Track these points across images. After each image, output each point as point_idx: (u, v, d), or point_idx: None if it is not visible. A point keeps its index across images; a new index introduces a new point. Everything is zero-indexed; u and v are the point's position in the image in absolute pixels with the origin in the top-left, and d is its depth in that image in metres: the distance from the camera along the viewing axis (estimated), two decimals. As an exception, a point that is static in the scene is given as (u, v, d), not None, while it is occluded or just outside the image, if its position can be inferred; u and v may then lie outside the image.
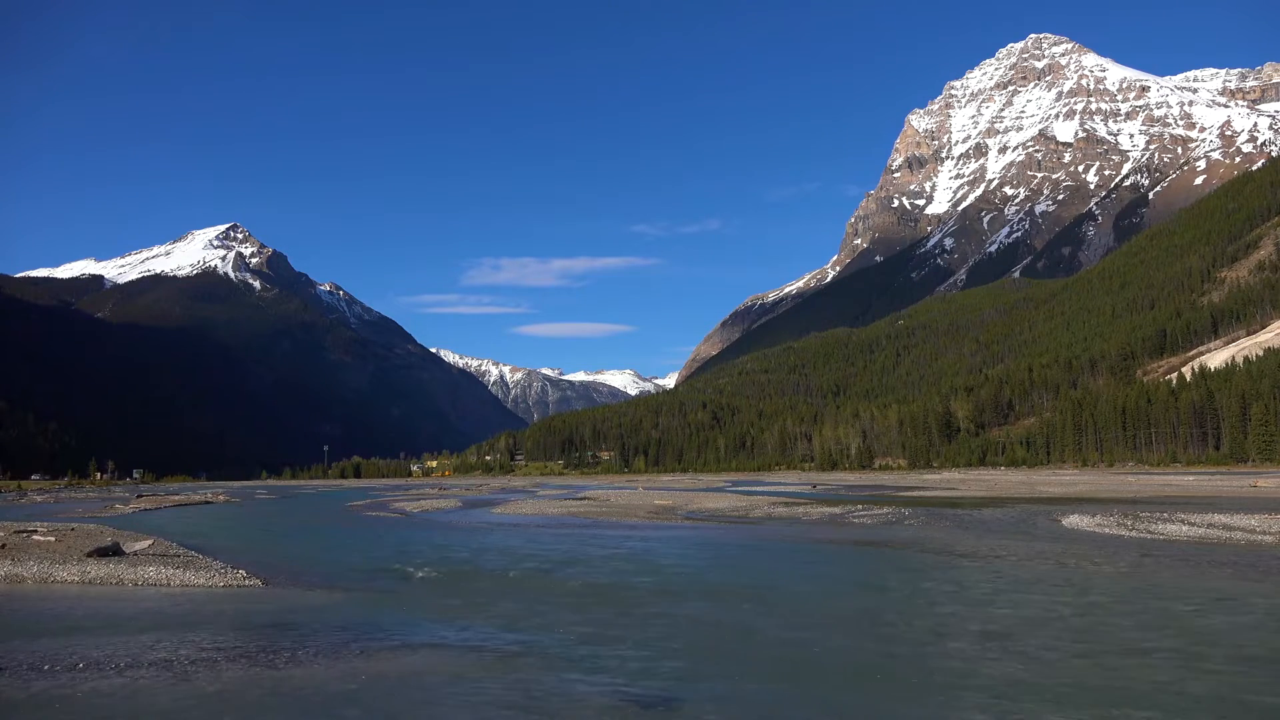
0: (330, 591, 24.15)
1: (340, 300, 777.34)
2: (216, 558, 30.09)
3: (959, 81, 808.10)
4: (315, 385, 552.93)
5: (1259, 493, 61.93)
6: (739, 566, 29.43)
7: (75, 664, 15.13)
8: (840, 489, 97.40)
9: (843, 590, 23.59)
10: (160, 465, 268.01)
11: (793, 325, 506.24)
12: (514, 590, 23.81)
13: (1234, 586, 21.90)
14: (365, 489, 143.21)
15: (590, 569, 27.82)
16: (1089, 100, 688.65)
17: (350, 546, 38.90)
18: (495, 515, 57.70)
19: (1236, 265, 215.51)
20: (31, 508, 79.97)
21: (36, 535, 35.17)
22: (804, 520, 47.72)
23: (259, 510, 78.40)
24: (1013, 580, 23.81)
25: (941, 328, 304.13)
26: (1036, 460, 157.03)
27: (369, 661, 15.45)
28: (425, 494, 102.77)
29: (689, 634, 17.76)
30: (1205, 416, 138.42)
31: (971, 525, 41.47)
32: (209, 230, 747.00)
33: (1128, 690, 13.16)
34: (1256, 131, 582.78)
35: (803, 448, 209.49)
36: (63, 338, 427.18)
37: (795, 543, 36.28)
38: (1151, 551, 29.00)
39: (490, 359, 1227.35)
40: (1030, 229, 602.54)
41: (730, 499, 68.97)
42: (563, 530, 43.97)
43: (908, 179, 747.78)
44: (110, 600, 22.33)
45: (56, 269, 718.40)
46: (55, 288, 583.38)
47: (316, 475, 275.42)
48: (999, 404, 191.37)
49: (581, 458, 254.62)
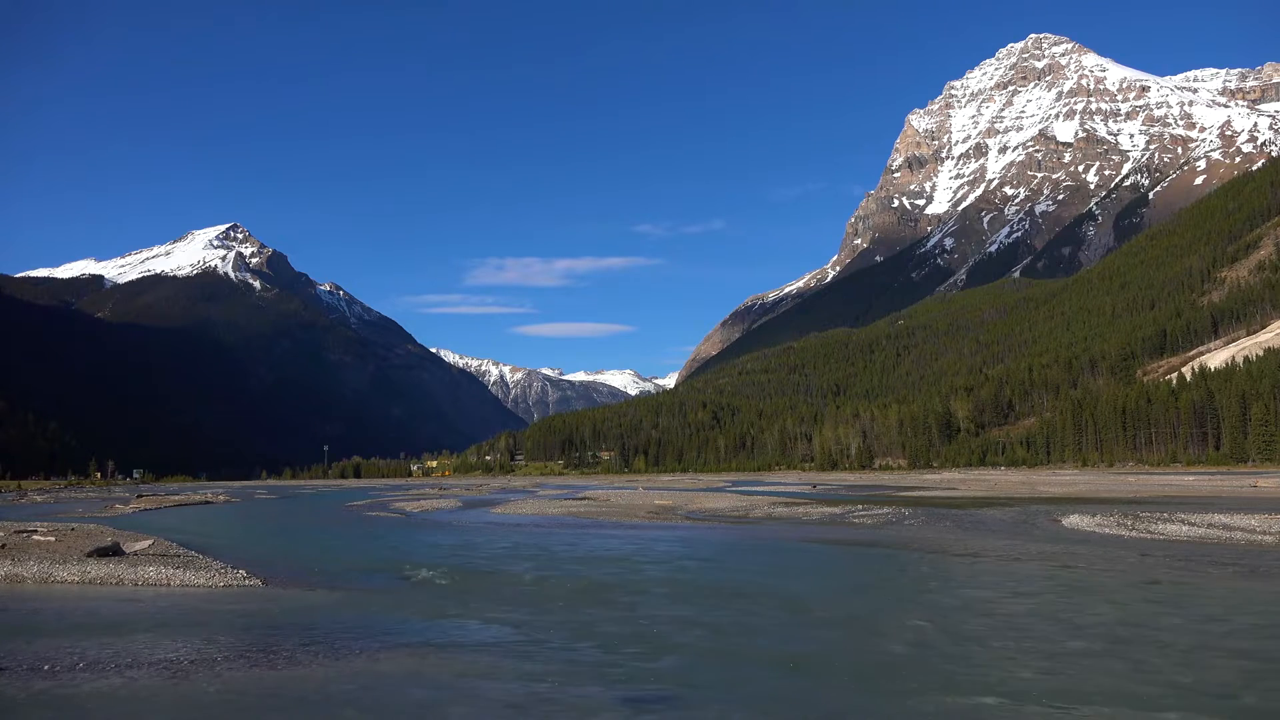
0: (330, 591, 24.15)
1: (340, 300, 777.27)
2: (217, 558, 30.07)
3: (959, 81, 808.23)
4: (315, 385, 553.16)
5: (1259, 493, 61.95)
6: (739, 566, 29.42)
7: (75, 664, 15.11)
8: (840, 489, 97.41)
9: (843, 590, 23.58)
10: (160, 465, 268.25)
11: (793, 325, 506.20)
12: (514, 590, 23.80)
13: (1234, 586, 21.89)
14: (365, 489, 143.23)
15: (590, 569, 27.83)
16: (1089, 100, 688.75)
17: (350, 547, 38.91)
18: (495, 515, 57.68)
19: (1236, 265, 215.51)
20: (31, 508, 79.93)
21: (36, 535, 35.15)
22: (804, 520, 47.72)
23: (259, 510, 78.40)
24: (1013, 580, 23.82)
25: (941, 328, 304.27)
26: (1036, 460, 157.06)
27: (369, 661, 15.44)
28: (425, 494, 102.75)
29: (689, 634, 17.76)
30: (1205, 416, 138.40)
31: (971, 525, 41.47)
32: (209, 230, 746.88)
33: (1128, 690, 13.16)
34: (1256, 131, 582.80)
35: (803, 448, 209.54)
36: (63, 338, 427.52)
37: (795, 543, 36.30)
38: (1151, 551, 29.00)
39: (490, 359, 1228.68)
40: (1030, 229, 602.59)
41: (730, 499, 68.95)
42: (563, 530, 43.97)
43: (908, 179, 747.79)
44: (110, 600, 22.32)
45: (56, 269, 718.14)
46: (55, 288, 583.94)
47: (316, 475, 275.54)
48: (999, 404, 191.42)
49: (581, 458, 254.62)
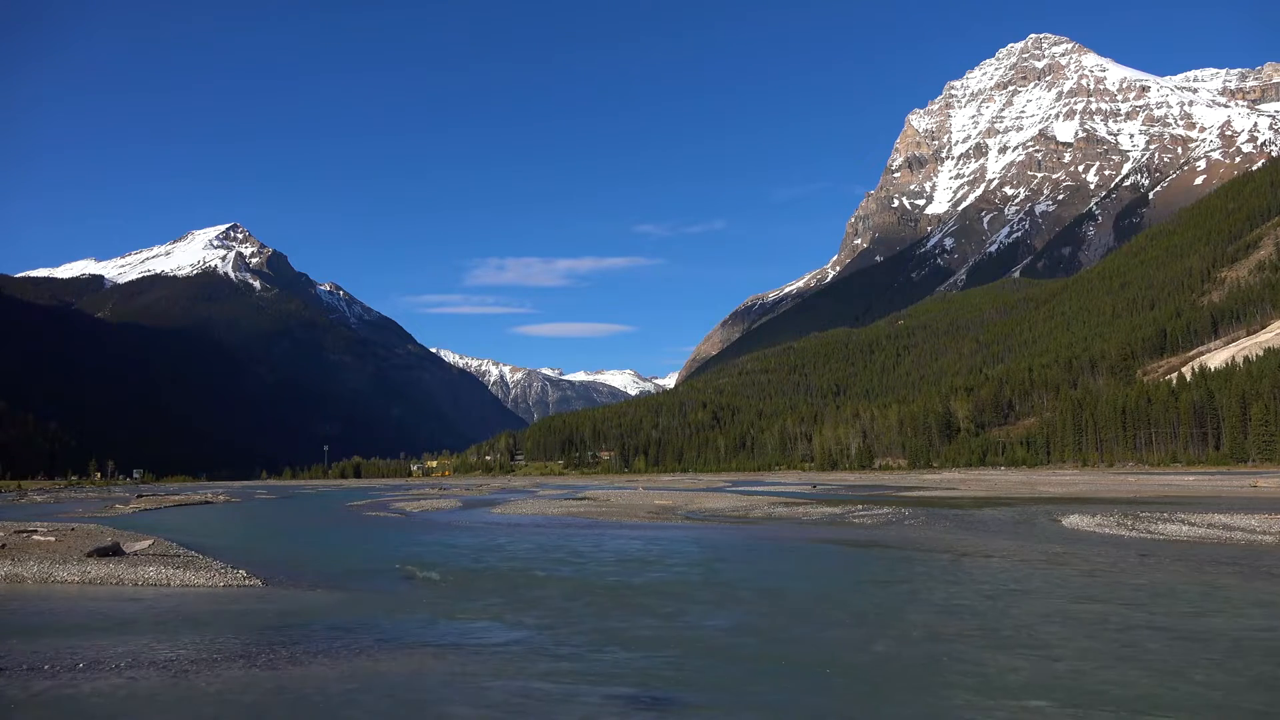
0: (330, 591, 24.14)
1: (340, 300, 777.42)
2: (217, 558, 30.06)
3: (959, 81, 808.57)
4: (315, 385, 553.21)
5: (1259, 493, 61.95)
6: (739, 566, 29.40)
7: (75, 664, 15.11)
8: (840, 489, 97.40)
9: (843, 590, 23.57)
10: (160, 465, 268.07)
11: (793, 325, 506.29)
12: (514, 590, 23.79)
13: (1234, 586, 21.88)
14: (365, 489, 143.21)
15: (590, 569, 27.82)
16: (1089, 100, 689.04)
17: (350, 547, 38.90)
18: (495, 515, 57.66)
19: (1236, 265, 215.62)
20: (31, 508, 79.94)
21: (36, 535, 35.15)
22: (804, 520, 47.71)
23: (259, 510, 78.40)
24: (1013, 580, 23.81)
25: (941, 328, 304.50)
26: (1036, 460, 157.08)
27: (369, 661, 15.44)
28: (425, 494, 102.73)
29: (689, 634, 17.75)
30: (1205, 416, 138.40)
31: (971, 525, 41.47)
32: (209, 230, 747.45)
33: (1129, 690, 13.16)
34: (1256, 131, 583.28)
35: (803, 448, 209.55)
36: (63, 338, 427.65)
37: (795, 543, 36.29)
38: (1151, 551, 28.99)
39: (490, 359, 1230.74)
40: (1030, 229, 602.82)
41: (730, 499, 68.94)
42: (563, 530, 43.95)
43: (908, 179, 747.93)
44: (110, 600, 22.32)
45: (56, 269, 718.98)
46: (55, 288, 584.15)
47: (316, 475, 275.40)
48: (999, 404, 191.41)
49: (581, 458, 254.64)
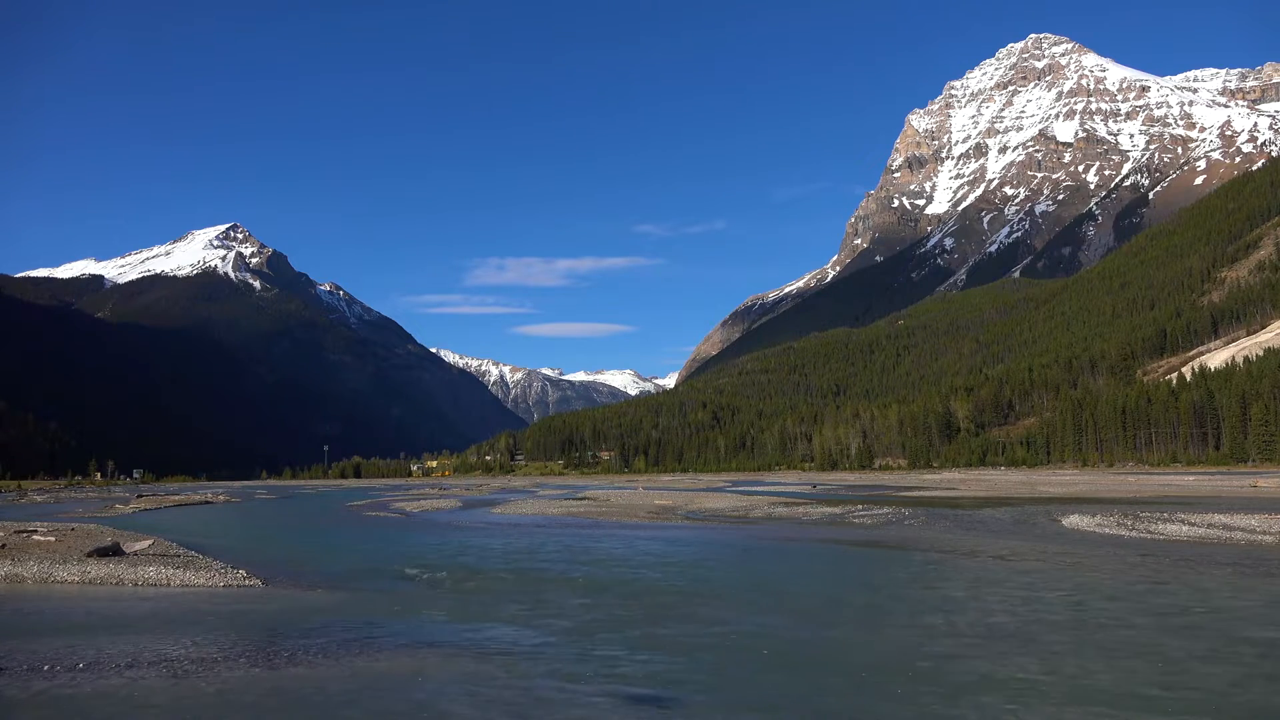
0: (330, 591, 24.15)
1: (340, 300, 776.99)
2: (217, 558, 30.08)
3: (959, 81, 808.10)
4: (315, 385, 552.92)
5: (1259, 493, 61.93)
6: (739, 566, 29.42)
7: (75, 664, 15.11)
8: (840, 489, 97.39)
9: (843, 590, 23.57)
10: (160, 465, 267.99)
11: (793, 325, 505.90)
12: (514, 590, 23.80)
13: (1234, 586, 21.88)
14: (365, 489, 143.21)
15: (590, 569, 27.82)
16: (1089, 100, 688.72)
17: (350, 547, 38.91)
18: (495, 515, 57.68)
19: (1236, 265, 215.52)
20: (31, 508, 79.98)
21: (36, 535, 35.15)
22: (804, 520, 47.72)
23: (259, 510, 78.42)
24: (1013, 580, 23.81)
25: (941, 328, 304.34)
26: (1036, 460, 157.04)
27: (369, 661, 15.44)
28: (425, 494, 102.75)
29: (689, 633, 17.75)
30: (1205, 416, 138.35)
31: (972, 525, 41.47)
32: (209, 230, 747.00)
33: (1129, 689, 13.16)
34: (1256, 131, 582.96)
35: (803, 448, 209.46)
36: (63, 338, 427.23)
37: (795, 543, 36.29)
38: (1152, 551, 28.99)
39: (490, 359, 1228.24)
40: (1030, 229, 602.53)
41: (730, 499, 68.95)
42: (563, 530, 43.96)
43: (908, 179, 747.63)
44: (110, 600, 22.33)
45: (56, 269, 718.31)
46: (55, 288, 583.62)
47: (316, 475, 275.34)
48: (999, 404, 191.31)
49: (581, 458, 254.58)
